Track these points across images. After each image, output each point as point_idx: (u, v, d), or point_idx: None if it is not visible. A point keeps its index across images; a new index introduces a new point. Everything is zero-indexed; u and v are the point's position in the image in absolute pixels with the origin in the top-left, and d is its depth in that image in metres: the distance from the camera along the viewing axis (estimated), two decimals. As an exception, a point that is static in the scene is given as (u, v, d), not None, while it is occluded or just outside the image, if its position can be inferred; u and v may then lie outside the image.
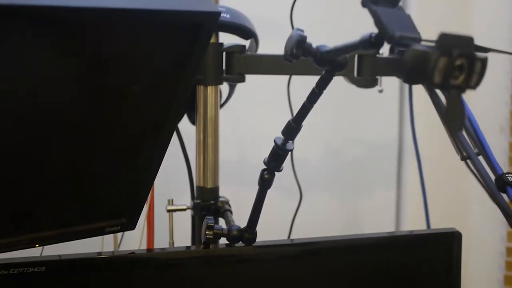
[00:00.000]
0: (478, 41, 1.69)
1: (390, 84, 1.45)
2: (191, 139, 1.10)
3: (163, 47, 0.74)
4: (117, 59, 0.71)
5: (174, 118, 0.83)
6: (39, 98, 0.69)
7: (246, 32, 1.08)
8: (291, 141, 0.83)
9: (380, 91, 1.19)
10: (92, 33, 0.67)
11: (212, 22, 0.74)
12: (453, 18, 1.81)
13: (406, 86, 1.74)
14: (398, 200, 1.91)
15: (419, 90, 0.97)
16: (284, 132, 0.82)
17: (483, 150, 0.84)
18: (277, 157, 0.84)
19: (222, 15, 1.01)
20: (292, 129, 0.82)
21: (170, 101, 0.79)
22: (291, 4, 1.19)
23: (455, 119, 0.58)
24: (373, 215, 1.88)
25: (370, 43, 0.65)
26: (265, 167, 0.85)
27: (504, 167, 0.86)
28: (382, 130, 1.87)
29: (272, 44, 1.21)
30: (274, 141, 0.83)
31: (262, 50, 1.17)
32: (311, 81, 0.91)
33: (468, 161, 0.84)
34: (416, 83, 0.58)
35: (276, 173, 0.86)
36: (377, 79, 1.12)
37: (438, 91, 0.81)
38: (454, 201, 1.85)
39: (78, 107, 0.73)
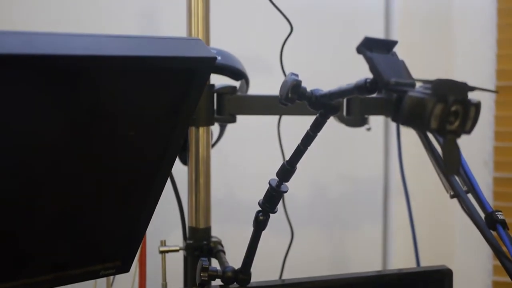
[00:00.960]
0: (460, 77, 1.72)
1: (375, 120, 1.47)
2: (182, 179, 1.11)
3: (158, 92, 0.75)
4: (113, 105, 0.72)
5: (169, 161, 0.83)
6: (33, 143, 0.69)
7: (237, 73, 1.10)
8: (285, 183, 0.84)
9: (368, 129, 1.21)
10: (88, 80, 0.67)
11: (208, 67, 0.75)
12: (435, 54, 1.84)
13: (392, 123, 1.76)
14: (385, 235, 1.92)
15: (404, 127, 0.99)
16: (278, 174, 0.83)
17: (472, 188, 0.85)
18: (271, 199, 0.84)
19: (211, 51, 1.03)
20: (286, 171, 0.82)
21: (165, 145, 0.80)
22: (281, 44, 1.21)
23: (451, 164, 0.59)
24: (360, 250, 1.88)
25: (365, 88, 0.67)
26: (259, 208, 0.85)
27: (489, 201, 0.87)
28: (368, 166, 1.88)
29: (261, 81, 1.23)
30: (269, 183, 0.83)
31: (252, 87, 1.19)
32: (301, 119, 0.92)
33: (458, 199, 0.85)
34: (413, 127, 0.59)
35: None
36: (366, 118, 1.14)
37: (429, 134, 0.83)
38: (440, 235, 1.87)
39: (73, 152, 0.73)
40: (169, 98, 0.76)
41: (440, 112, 0.56)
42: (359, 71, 0.80)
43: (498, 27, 1.82)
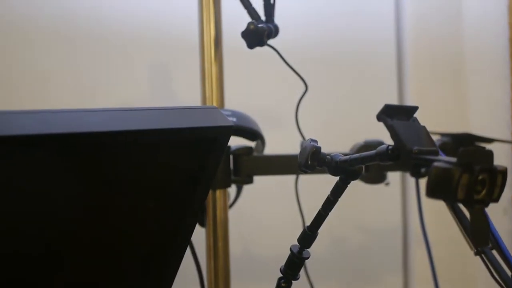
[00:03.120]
0: (475, 125, 1.70)
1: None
2: (200, 241, 1.09)
3: (176, 162, 0.74)
4: (130, 178, 0.71)
5: (188, 229, 0.82)
6: (50, 218, 0.68)
7: (252, 134, 1.09)
8: (307, 249, 0.82)
9: (387, 184, 1.19)
10: (106, 155, 0.67)
11: (225, 135, 0.75)
12: (449, 103, 1.84)
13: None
14: (406, 286, 1.89)
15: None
16: (299, 240, 0.82)
17: (497, 244, 0.83)
18: (293, 266, 0.82)
19: (228, 118, 1.02)
20: (308, 237, 0.81)
21: (184, 212, 0.79)
22: (298, 101, 1.20)
23: (480, 236, 0.57)
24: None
25: (387, 156, 0.66)
26: (281, 275, 0.84)
27: (509, 248, 0.85)
28: (385, 216, 1.86)
29: (276, 135, 1.22)
30: (290, 250, 0.82)
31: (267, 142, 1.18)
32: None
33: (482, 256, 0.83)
34: (439, 198, 0.58)
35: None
36: (385, 174, 1.13)
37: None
38: (461, 285, 1.83)
39: (91, 225, 0.72)
40: (187, 167, 0.75)
41: (467, 182, 0.55)
42: (373, 125, 0.79)
43: None
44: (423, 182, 1.19)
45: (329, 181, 0.79)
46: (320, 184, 0.88)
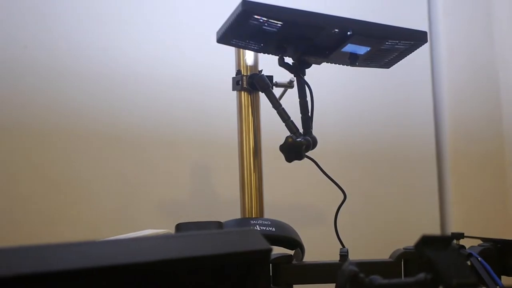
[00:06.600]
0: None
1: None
2: None
3: (215, 284, 0.74)
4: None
5: None
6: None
7: (291, 243, 1.09)
8: None
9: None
10: (148, 282, 0.68)
11: (264, 258, 0.75)
12: (491, 198, 1.82)
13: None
14: None
15: None
16: None
17: None
18: None
19: (267, 228, 1.03)
20: None
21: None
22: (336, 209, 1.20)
23: None
24: None
25: (425, 285, 0.65)
26: None
27: None
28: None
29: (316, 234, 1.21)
30: None
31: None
32: None
33: None
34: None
35: None
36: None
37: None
38: None
39: None
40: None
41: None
42: (413, 231, 0.78)
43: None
44: None
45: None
46: None
